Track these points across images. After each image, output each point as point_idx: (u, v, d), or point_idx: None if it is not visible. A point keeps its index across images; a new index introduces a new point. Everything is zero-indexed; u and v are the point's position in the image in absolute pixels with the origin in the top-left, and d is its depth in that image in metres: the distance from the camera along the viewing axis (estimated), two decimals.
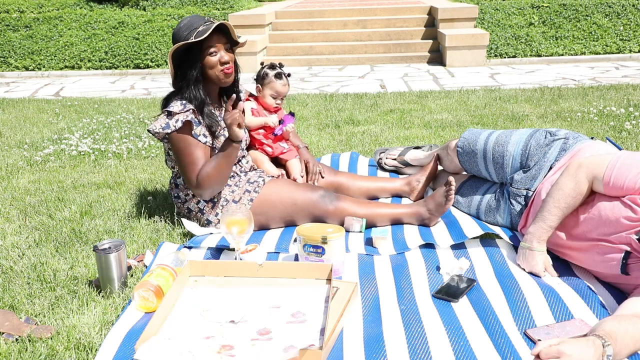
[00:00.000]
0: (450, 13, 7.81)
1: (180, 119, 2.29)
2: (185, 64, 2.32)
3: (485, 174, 2.48)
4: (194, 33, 2.25)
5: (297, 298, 1.86)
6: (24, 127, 4.71)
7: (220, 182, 2.32)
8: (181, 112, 2.29)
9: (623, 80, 6.08)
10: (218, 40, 2.30)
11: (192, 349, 1.61)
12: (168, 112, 2.31)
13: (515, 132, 2.39)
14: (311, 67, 7.88)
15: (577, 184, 1.91)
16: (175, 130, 2.29)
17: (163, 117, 2.32)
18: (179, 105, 2.31)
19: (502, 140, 2.38)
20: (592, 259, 1.90)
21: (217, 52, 2.31)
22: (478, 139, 2.47)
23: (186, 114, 2.30)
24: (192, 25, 2.27)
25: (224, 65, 2.32)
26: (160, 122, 2.32)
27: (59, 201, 2.92)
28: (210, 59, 2.31)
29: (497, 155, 2.38)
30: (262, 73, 2.71)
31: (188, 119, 2.29)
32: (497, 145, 2.38)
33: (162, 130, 2.30)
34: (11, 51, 8.25)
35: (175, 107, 2.30)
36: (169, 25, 8.33)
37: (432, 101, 5.16)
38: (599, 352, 1.41)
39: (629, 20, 7.93)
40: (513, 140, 2.35)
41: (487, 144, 2.42)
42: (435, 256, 2.18)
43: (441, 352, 1.59)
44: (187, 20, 2.30)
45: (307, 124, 4.44)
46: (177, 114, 2.30)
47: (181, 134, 2.30)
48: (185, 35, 2.27)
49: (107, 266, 1.97)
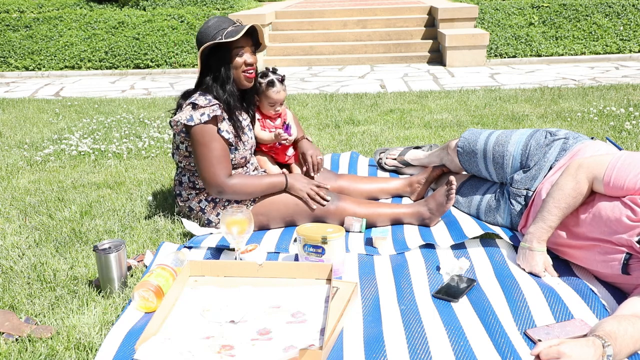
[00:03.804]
0: (450, 13, 7.81)
1: (206, 112, 2.29)
2: (213, 64, 2.34)
3: (485, 173, 2.48)
4: (223, 33, 2.28)
5: (297, 298, 1.86)
6: (24, 127, 4.71)
7: (243, 198, 2.39)
8: (207, 105, 2.30)
9: (623, 80, 6.08)
10: (246, 42, 2.34)
11: (192, 349, 1.61)
12: (193, 104, 2.31)
13: (515, 132, 2.39)
14: (311, 67, 7.88)
15: (577, 184, 1.91)
16: (201, 123, 2.29)
17: (188, 109, 2.32)
18: (203, 99, 2.31)
19: (502, 140, 2.38)
20: (592, 259, 1.90)
21: (243, 53, 2.34)
22: (478, 139, 2.47)
23: (212, 108, 2.30)
24: (220, 25, 2.30)
25: (249, 66, 2.35)
26: (185, 114, 2.31)
27: (59, 201, 2.92)
28: (238, 59, 2.33)
29: (497, 155, 2.38)
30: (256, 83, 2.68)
31: (216, 113, 2.30)
32: (497, 145, 2.38)
33: (186, 122, 2.30)
34: (11, 51, 8.25)
35: (200, 101, 2.30)
36: (169, 25, 8.33)
37: (432, 101, 5.16)
38: (599, 353, 1.41)
39: (629, 20, 7.93)
40: (513, 140, 2.35)
41: (487, 144, 2.42)
42: (435, 256, 2.18)
43: (441, 352, 1.59)
44: (215, 20, 2.32)
45: (307, 124, 4.44)
46: (202, 107, 2.30)
47: (207, 128, 2.30)
48: (214, 35, 2.29)
49: (107, 266, 1.97)
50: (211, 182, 2.32)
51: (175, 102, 2.55)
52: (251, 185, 2.36)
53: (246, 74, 2.37)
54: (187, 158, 2.43)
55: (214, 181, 2.31)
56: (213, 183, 2.32)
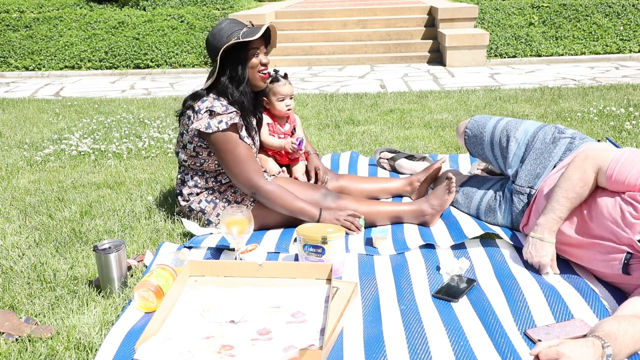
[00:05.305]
0: (450, 13, 7.81)
1: (225, 120, 2.29)
2: (229, 64, 2.35)
3: (489, 156, 2.49)
4: (239, 33, 2.28)
5: (297, 298, 1.86)
6: (24, 127, 4.71)
7: (270, 205, 2.36)
8: (224, 113, 2.30)
9: (623, 80, 6.08)
10: (260, 42, 2.36)
11: (192, 349, 1.61)
12: (210, 112, 2.31)
13: (525, 121, 2.42)
14: (311, 67, 7.88)
15: (584, 174, 1.93)
16: (219, 130, 2.29)
17: (205, 117, 2.31)
18: (219, 105, 2.31)
19: (512, 126, 2.41)
20: (593, 258, 1.90)
21: (259, 53, 2.36)
22: (488, 122, 2.50)
23: (230, 115, 2.30)
24: (234, 27, 2.31)
25: (264, 66, 2.37)
26: (203, 122, 2.31)
27: (59, 201, 2.92)
28: (254, 60, 2.35)
29: (503, 139, 2.40)
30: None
31: (234, 121, 2.30)
32: (505, 130, 2.42)
33: (204, 130, 2.30)
34: (11, 51, 8.25)
35: (217, 107, 2.30)
36: (169, 25, 8.33)
37: (432, 101, 5.16)
38: (599, 353, 1.41)
39: (629, 20, 7.93)
40: (522, 128, 2.38)
41: (496, 127, 2.45)
42: (435, 256, 2.18)
43: (441, 352, 1.59)
44: (227, 22, 2.33)
45: (307, 124, 4.44)
46: (220, 115, 2.30)
47: (228, 135, 2.30)
48: (229, 36, 2.29)
49: (107, 266, 1.97)
50: (247, 184, 2.33)
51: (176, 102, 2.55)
52: (285, 200, 2.34)
53: (261, 74, 2.39)
54: (194, 158, 2.42)
55: (249, 184, 2.33)
56: (248, 185, 2.33)
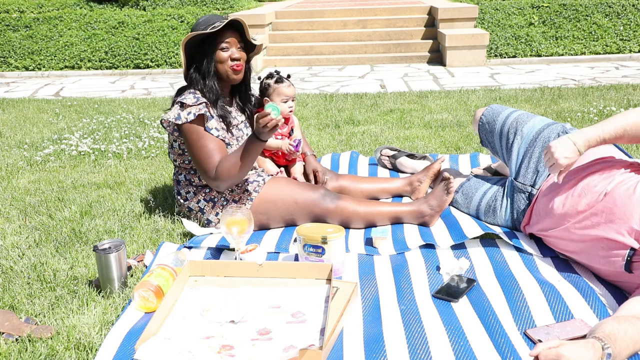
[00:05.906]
0: (450, 13, 7.81)
1: (193, 111, 2.31)
2: (197, 57, 2.37)
3: (497, 146, 2.51)
4: (209, 27, 2.30)
5: (297, 298, 1.86)
6: (24, 127, 4.71)
7: (239, 177, 2.28)
8: (194, 104, 2.32)
9: (623, 80, 6.08)
10: (231, 36, 2.35)
11: (192, 349, 1.61)
12: (181, 104, 2.34)
13: (535, 117, 2.42)
14: (311, 67, 7.88)
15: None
16: (187, 122, 2.31)
17: (176, 108, 2.35)
18: (191, 97, 2.33)
19: (522, 120, 2.42)
20: (595, 254, 1.89)
21: (228, 48, 2.35)
22: (502, 112, 2.51)
23: (199, 107, 2.32)
24: (209, 20, 2.33)
25: (234, 61, 2.36)
26: (173, 113, 2.34)
27: (59, 201, 2.92)
28: (221, 53, 2.35)
29: (511, 132, 2.42)
30: (263, 86, 2.69)
31: (201, 112, 2.31)
32: (515, 122, 2.43)
33: (173, 120, 2.32)
34: (11, 51, 8.24)
35: (188, 99, 2.32)
36: (169, 25, 8.32)
37: (432, 101, 5.16)
38: (599, 355, 1.41)
39: (629, 20, 7.93)
40: (530, 124, 2.38)
41: (508, 118, 2.46)
42: (435, 256, 2.18)
43: (441, 352, 1.59)
44: (205, 17, 2.36)
45: (307, 124, 4.44)
46: (189, 106, 2.32)
47: (194, 127, 2.31)
48: (202, 29, 2.31)
49: (107, 266, 1.97)
50: (205, 177, 2.33)
51: None
52: (237, 161, 2.23)
53: (233, 67, 2.37)
54: (181, 156, 2.45)
55: (206, 175, 2.32)
56: (207, 177, 2.32)
